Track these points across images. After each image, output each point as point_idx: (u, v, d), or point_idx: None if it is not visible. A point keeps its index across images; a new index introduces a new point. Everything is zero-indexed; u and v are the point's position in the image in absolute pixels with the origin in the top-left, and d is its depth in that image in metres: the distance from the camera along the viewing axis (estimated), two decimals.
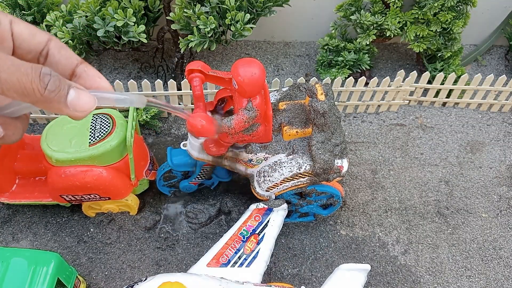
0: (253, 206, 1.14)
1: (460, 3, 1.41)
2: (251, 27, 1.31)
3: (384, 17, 1.43)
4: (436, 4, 1.37)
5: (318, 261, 1.25)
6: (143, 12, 1.33)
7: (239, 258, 1.05)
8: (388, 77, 1.45)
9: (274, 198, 1.17)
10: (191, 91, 1.29)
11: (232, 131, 0.97)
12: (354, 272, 1.00)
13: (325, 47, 1.54)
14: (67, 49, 0.40)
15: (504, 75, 1.48)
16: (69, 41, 1.28)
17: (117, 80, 1.35)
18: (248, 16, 1.30)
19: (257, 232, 1.10)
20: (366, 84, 1.46)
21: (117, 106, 0.41)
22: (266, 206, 1.14)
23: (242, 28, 1.29)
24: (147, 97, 0.42)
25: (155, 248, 1.25)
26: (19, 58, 0.38)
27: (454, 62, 1.53)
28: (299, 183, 1.12)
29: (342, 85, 1.47)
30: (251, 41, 1.71)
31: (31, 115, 1.39)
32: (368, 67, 1.53)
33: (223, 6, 1.30)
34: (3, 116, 0.38)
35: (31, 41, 0.38)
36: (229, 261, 1.04)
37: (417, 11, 1.42)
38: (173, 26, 1.35)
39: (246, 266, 1.04)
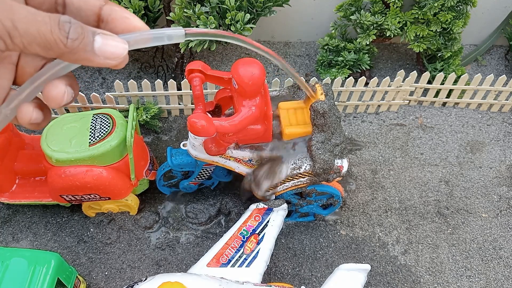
0: (253, 206, 1.14)
1: (460, 3, 1.41)
2: (251, 27, 1.31)
3: (384, 17, 1.43)
4: (436, 4, 1.37)
5: (318, 261, 1.25)
6: (143, 12, 1.33)
7: (239, 258, 1.05)
8: (388, 77, 1.45)
9: (274, 198, 1.17)
10: (191, 91, 1.29)
11: (232, 131, 0.97)
12: (354, 272, 1.00)
13: (325, 47, 1.54)
14: None
15: (504, 75, 1.48)
16: None
17: (117, 80, 1.35)
18: (248, 16, 1.30)
19: (257, 232, 1.10)
20: (366, 84, 1.46)
21: (154, 45, 0.37)
22: (266, 206, 1.14)
23: (242, 28, 1.29)
24: (184, 28, 0.38)
25: (155, 248, 1.25)
26: None
27: (454, 62, 1.53)
28: (299, 183, 1.12)
29: (342, 85, 1.47)
30: None
31: None
32: (368, 67, 1.53)
33: (223, 6, 1.30)
34: (69, 77, 0.35)
35: None
36: (229, 261, 1.04)
37: (417, 11, 1.42)
38: (173, 26, 1.35)
39: (246, 266, 1.04)
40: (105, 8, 0.36)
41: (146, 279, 0.92)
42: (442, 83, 1.50)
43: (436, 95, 1.54)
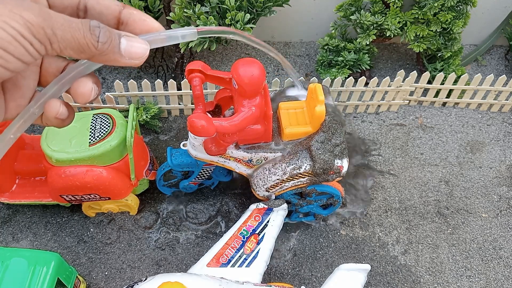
0: (253, 206, 1.14)
1: (460, 3, 1.41)
2: (251, 27, 1.31)
3: (384, 17, 1.43)
4: (436, 4, 1.37)
5: (318, 261, 1.25)
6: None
7: (239, 258, 1.05)
8: (388, 77, 1.45)
9: (274, 198, 1.17)
10: (191, 91, 1.29)
11: (232, 131, 0.97)
12: (354, 272, 1.00)
13: (325, 47, 1.54)
14: None
15: (504, 75, 1.48)
16: None
17: (117, 80, 1.35)
18: (248, 16, 1.30)
19: (257, 232, 1.10)
20: (366, 84, 1.46)
21: (167, 44, 0.40)
22: (266, 206, 1.14)
23: (242, 28, 1.29)
24: (196, 27, 0.42)
25: (155, 248, 1.25)
26: None
27: (454, 62, 1.53)
28: (299, 183, 1.12)
29: (342, 85, 1.47)
30: None
31: None
32: (368, 67, 1.53)
33: (223, 6, 1.30)
34: (93, 76, 0.38)
35: None
36: (229, 261, 1.04)
37: (417, 11, 1.42)
38: (173, 26, 1.35)
39: (246, 266, 1.04)
40: (124, 11, 0.39)
41: (146, 279, 0.92)
42: (442, 83, 1.50)
43: (436, 95, 1.54)
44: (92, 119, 1.14)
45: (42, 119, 0.39)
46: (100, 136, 1.10)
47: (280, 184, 1.12)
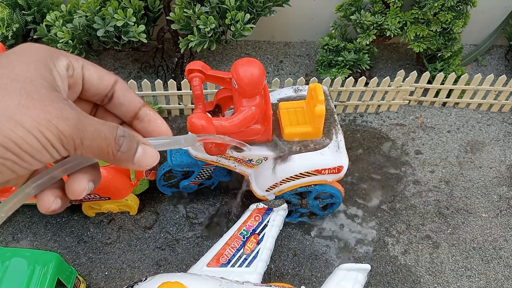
0: (253, 206, 1.14)
1: (460, 3, 1.41)
2: (251, 27, 1.31)
3: (384, 17, 1.43)
4: (436, 4, 1.37)
5: (318, 261, 1.25)
6: (143, 12, 1.33)
7: (239, 258, 1.05)
8: (388, 77, 1.45)
9: (274, 198, 1.17)
10: (191, 91, 1.29)
11: (232, 131, 0.97)
12: (354, 272, 1.00)
13: (325, 47, 1.54)
14: (131, 91, 0.41)
15: (504, 75, 1.48)
16: (69, 41, 1.28)
17: None
18: (248, 16, 1.30)
19: (257, 232, 1.10)
20: (366, 84, 1.46)
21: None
22: (266, 206, 1.14)
23: (242, 28, 1.29)
24: (198, 136, 0.46)
25: (155, 248, 1.25)
26: (85, 99, 0.39)
27: (454, 62, 1.53)
28: (299, 183, 1.12)
29: (342, 85, 1.47)
30: (251, 41, 1.71)
31: None
32: (368, 67, 1.53)
33: (223, 6, 1.30)
34: (94, 169, 0.38)
35: (99, 85, 0.39)
36: (229, 261, 1.04)
37: (417, 11, 1.42)
38: (173, 26, 1.35)
39: (246, 266, 1.04)
40: (143, 109, 0.41)
41: (146, 279, 0.92)
42: (442, 83, 1.50)
43: (436, 95, 1.54)
44: None
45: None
46: None
47: (280, 184, 1.12)
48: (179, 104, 1.47)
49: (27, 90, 0.31)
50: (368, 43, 1.46)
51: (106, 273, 1.21)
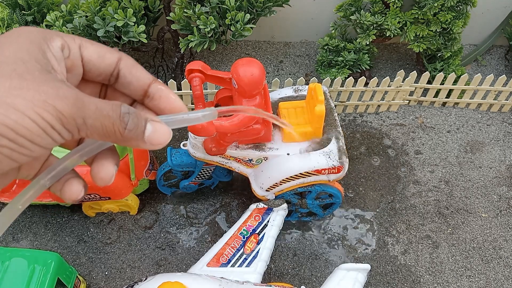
0: (253, 206, 1.14)
1: (460, 3, 1.41)
2: (251, 27, 1.31)
3: (384, 17, 1.43)
4: (436, 4, 1.37)
5: (318, 261, 1.25)
6: (143, 12, 1.33)
7: (239, 258, 1.05)
8: (388, 77, 1.45)
9: (274, 198, 1.17)
10: (191, 91, 1.29)
11: (232, 131, 0.97)
12: (354, 272, 1.00)
13: (325, 47, 1.54)
14: (138, 67, 0.38)
15: (504, 75, 1.48)
16: None
17: None
18: (248, 16, 1.30)
19: (257, 232, 1.10)
20: (366, 84, 1.46)
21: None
22: (266, 206, 1.14)
23: (242, 28, 1.29)
24: (216, 108, 0.40)
25: (155, 248, 1.25)
26: (89, 81, 0.37)
27: (454, 62, 1.53)
28: (299, 182, 1.12)
29: (342, 85, 1.47)
30: (251, 41, 1.71)
31: None
32: (368, 67, 1.53)
33: (223, 6, 1.30)
34: (114, 153, 0.37)
35: (101, 64, 0.36)
36: (229, 261, 1.04)
37: (417, 11, 1.42)
38: (173, 26, 1.35)
39: (246, 266, 1.04)
40: (153, 85, 0.38)
41: (146, 279, 0.92)
42: (442, 83, 1.50)
43: (436, 95, 1.54)
44: None
45: (50, 188, 0.37)
46: None
47: (280, 184, 1.12)
48: None
49: (19, 72, 0.29)
50: (368, 43, 1.46)
51: (106, 273, 1.21)
